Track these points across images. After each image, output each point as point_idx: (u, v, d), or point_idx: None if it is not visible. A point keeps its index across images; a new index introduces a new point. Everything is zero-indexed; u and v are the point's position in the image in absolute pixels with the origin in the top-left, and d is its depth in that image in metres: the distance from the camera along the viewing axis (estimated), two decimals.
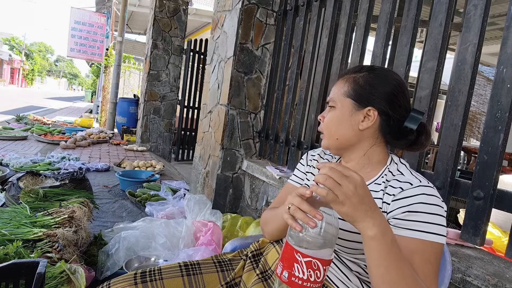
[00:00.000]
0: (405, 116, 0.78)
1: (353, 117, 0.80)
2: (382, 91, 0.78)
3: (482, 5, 1.15)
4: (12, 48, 44.12)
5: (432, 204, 0.69)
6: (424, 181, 0.73)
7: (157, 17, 5.05)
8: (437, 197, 0.70)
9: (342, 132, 0.81)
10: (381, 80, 0.79)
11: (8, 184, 2.09)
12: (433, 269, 0.66)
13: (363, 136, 0.80)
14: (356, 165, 0.83)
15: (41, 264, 0.97)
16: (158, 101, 5.25)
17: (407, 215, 0.69)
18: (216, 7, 2.83)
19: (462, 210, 2.10)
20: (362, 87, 0.79)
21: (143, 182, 2.94)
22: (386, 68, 0.86)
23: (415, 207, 0.69)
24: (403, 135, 0.79)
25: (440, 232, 0.68)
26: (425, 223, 0.67)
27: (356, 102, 0.80)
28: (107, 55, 9.21)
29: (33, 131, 5.38)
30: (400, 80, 0.80)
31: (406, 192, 0.71)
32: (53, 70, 76.71)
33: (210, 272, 0.88)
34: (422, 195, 0.69)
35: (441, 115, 4.84)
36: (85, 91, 28.28)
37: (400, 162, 0.80)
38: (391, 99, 0.78)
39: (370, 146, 0.81)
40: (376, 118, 0.78)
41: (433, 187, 0.72)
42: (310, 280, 0.59)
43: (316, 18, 2.07)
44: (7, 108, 10.40)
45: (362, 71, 0.82)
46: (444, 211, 0.70)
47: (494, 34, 5.52)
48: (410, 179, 0.74)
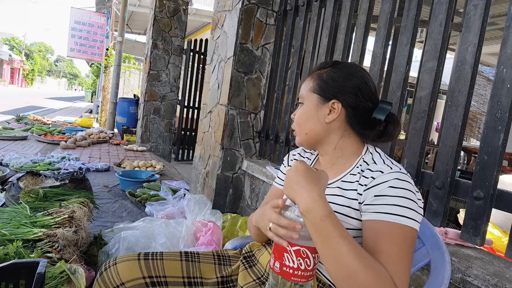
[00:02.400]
0: (372, 107, 0.81)
1: (319, 111, 0.82)
2: (345, 84, 0.81)
3: (482, 5, 1.15)
4: (12, 48, 44.13)
5: (400, 188, 0.69)
6: (396, 168, 0.74)
7: (157, 17, 5.05)
8: (409, 183, 0.70)
9: (310, 126, 0.84)
10: (344, 74, 0.82)
11: (8, 184, 2.09)
12: (400, 252, 0.65)
13: (331, 129, 0.82)
14: (331, 158, 0.85)
15: (41, 264, 0.97)
16: (158, 101, 5.25)
17: (375, 200, 0.70)
18: (216, 7, 2.83)
19: (462, 210, 2.10)
20: (325, 81, 0.82)
21: (143, 182, 2.94)
22: (350, 63, 0.89)
23: (383, 191, 0.70)
24: (371, 126, 0.80)
25: (409, 215, 0.67)
26: (392, 205, 0.68)
27: (321, 97, 0.82)
28: (107, 55, 9.21)
29: (33, 131, 5.38)
30: (363, 73, 0.83)
31: (377, 180, 0.72)
32: (53, 70, 76.74)
33: (207, 262, 0.92)
34: (391, 180, 0.70)
35: (441, 115, 4.84)
36: (85, 91, 28.30)
37: (375, 151, 0.81)
38: (354, 92, 0.80)
39: (339, 138, 0.83)
40: (341, 110, 0.80)
41: (406, 173, 0.73)
42: (301, 269, 0.63)
43: (316, 18, 2.07)
44: (7, 108, 10.40)
45: (326, 67, 0.85)
46: (416, 198, 0.70)
47: (494, 34, 5.52)
48: (381, 168, 0.74)
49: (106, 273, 0.84)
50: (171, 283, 0.86)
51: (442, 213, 1.23)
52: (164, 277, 0.86)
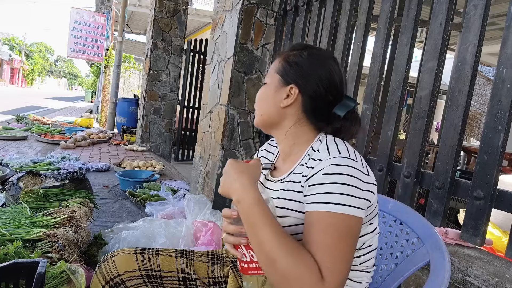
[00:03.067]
0: (333, 101, 0.77)
1: (277, 93, 0.79)
2: (308, 71, 0.77)
3: (482, 5, 1.15)
4: (12, 48, 44.14)
5: (335, 174, 0.65)
6: (335, 153, 0.69)
7: (157, 17, 5.04)
8: (348, 166, 0.66)
9: (266, 108, 0.81)
10: (310, 61, 0.78)
11: (8, 184, 2.09)
12: (329, 240, 0.61)
13: (285, 114, 0.79)
14: (284, 147, 0.83)
15: (41, 264, 0.97)
16: (158, 101, 5.25)
17: (309, 190, 0.67)
18: (216, 7, 2.83)
19: (462, 210, 2.10)
20: (290, 64, 0.79)
21: (143, 182, 2.94)
22: (323, 51, 0.83)
23: (316, 180, 0.67)
24: (327, 120, 0.77)
25: (342, 202, 0.63)
26: (323, 193, 0.64)
27: (282, 78, 0.79)
28: (107, 55, 9.21)
29: (33, 131, 5.38)
30: (331, 64, 0.78)
31: (315, 169, 0.69)
32: (53, 70, 76.75)
33: (201, 261, 0.93)
34: (326, 167, 0.66)
35: (441, 115, 4.84)
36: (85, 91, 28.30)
37: (325, 139, 0.75)
38: (315, 81, 0.76)
39: (291, 126, 0.79)
40: (297, 97, 0.77)
41: (347, 157, 0.68)
42: (253, 260, 0.66)
43: (316, 18, 2.07)
44: (7, 108, 10.40)
45: (296, 50, 0.81)
46: (358, 181, 0.65)
47: (494, 34, 5.52)
48: (321, 155, 0.71)
49: (104, 265, 0.86)
50: (165, 277, 0.88)
51: (442, 213, 1.23)
52: (159, 271, 0.87)
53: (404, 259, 0.88)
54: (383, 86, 2.41)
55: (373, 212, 0.73)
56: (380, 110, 2.36)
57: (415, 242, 0.87)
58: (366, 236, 0.74)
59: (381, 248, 0.95)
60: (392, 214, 0.96)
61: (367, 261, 0.75)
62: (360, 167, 0.67)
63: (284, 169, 0.82)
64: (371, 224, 0.74)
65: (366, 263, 0.75)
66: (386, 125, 1.49)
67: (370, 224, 0.74)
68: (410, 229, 0.90)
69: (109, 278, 0.84)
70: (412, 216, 0.91)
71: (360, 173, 0.66)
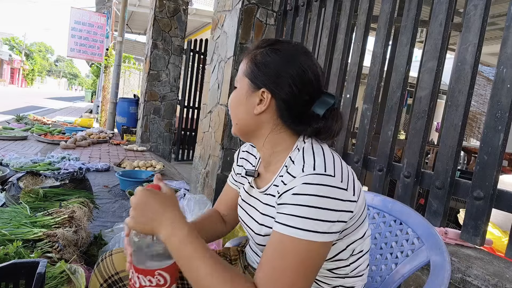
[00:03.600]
0: (310, 100, 0.70)
1: (249, 99, 0.71)
2: (278, 72, 0.69)
3: (482, 5, 1.15)
4: (12, 48, 44.15)
5: (305, 195, 0.59)
6: (309, 168, 0.62)
7: (157, 17, 5.04)
8: (321, 185, 0.59)
9: (240, 115, 0.74)
10: (279, 59, 0.69)
11: (8, 184, 2.09)
12: (287, 266, 0.58)
13: (261, 122, 0.72)
14: (265, 155, 0.76)
15: (41, 264, 0.97)
16: (158, 101, 5.25)
17: (278, 208, 0.63)
18: (216, 7, 2.83)
19: (462, 210, 2.10)
20: (257, 65, 0.71)
21: (143, 182, 2.94)
22: (290, 44, 0.73)
23: (285, 199, 0.62)
24: (307, 122, 0.69)
25: (307, 227, 0.58)
26: (289, 215, 0.60)
27: (251, 82, 0.71)
28: (107, 55, 9.21)
29: (33, 131, 5.38)
30: (303, 59, 0.70)
31: (287, 186, 0.63)
32: (53, 70, 76.77)
33: None
34: (297, 186, 0.60)
35: (441, 115, 4.84)
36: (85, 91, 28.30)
37: (303, 147, 0.68)
38: (288, 82, 0.68)
39: (268, 133, 0.72)
40: (271, 101, 0.69)
41: (323, 174, 0.61)
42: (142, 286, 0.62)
43: (316, 18, 2.07)
44: (7, 108, 10.40)
45: (261, 47, 0.73)
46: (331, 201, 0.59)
47: (494, 34, 5.52)
48: (295, 171, 0.64)
49: (102, 264, 0.86)
50: None
51: (442, 213, 1.23)
52: None
53: (404, 259, 0.88)
54: (383, 86, 2.41)
55: (357, 222, 0.68)
56: (380, 110, 2.36)
57: (415, 242, 0.87)
58: (355, 243, 0.70)
59: (381, 248, 0.95)
60: (392, 214, 0.96)
61: (359, 266, 0.73)
62: (337, 182, 0.61)
63: (266, 178, 0.77)
64: (358, 232, 0.70)
65: (358, 268, 0.73)
66: (386, 125, 1.49)
67: (356, 232, 0.69)
68: (410, 229, 0.90)
69: (107, 277, 0.84)
70: (412, 216, 0.91)
71: (336, 191, 0.60)
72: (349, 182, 0.63)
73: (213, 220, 0.94)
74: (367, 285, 0.92)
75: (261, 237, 0.72)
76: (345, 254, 0.70)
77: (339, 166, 0.64)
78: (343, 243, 0.68)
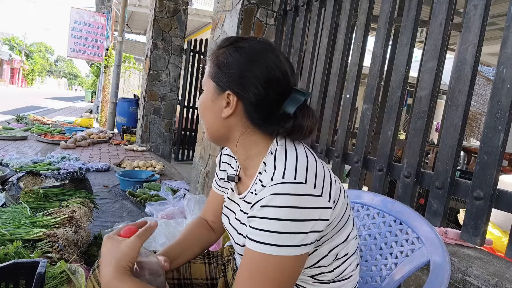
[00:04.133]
0: (281, 99, 0.66)
1: (215, 102, 0.68)
2: (241, 72, 0.65)
3: (482, 5, 1.15)
4: (12, 48, 44.15)
5: (273, 207, 0.56)
6: (278, 176, 0.59)
7: (157, 17, 5.04)
8: (291, 195, 0.56)
9: (208, 120, 0.71)
10: (242, 58, 0.66)
11: (8, 184, 2.09)
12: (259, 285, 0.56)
13: (230, 125, 0.68)
14: (240, 160, 0.73)
15: (41, 264, 0.97)
16: (158, 101, 5.25)
17: (248, 221, 0.60)
18: (216, 7, 2.83)
19: (462, 210, 2.10)
20: (219, 67, 0.67)
21: (143, 182, 2.94)
22: (254, 42, 0.69)
23: (253, 212, 0.59)
24: (277, 122, 0.66)
25: (276, 242, 0.55)
26: (257, 230, 0.57)
27: (216, 85, 0.68)
28: (107, 55, 9.21)
29: (33, 131, 5.38)
30: (267, 57, 0.66)
31: (258, 195, 0.59)
32: (53, 70, 76.77)
33: (197, 263, 0.91)
34: (265, 198, 0.57)
35: (441, 115, 4.84)
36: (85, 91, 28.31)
37: (275, 151, 0.65)
38: (253, 82, 0.64)
39: (239, 137, 0.69)
40: (237, 104, 0.66)
41: (292, 181, 0.57)
42: None
43: (316, 18, 2.07)
44: (7, 108, 10.40)
45: (223, 47, 0.69)
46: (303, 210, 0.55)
47: (494, 34, 5.52)
48: (265, 179, 0.61)
49: (99, 270, 0.85)
50: None
51: (442, 213, 1.23)
52: None
53: (404, 259, 0.88)
54: (383, 86, 2.41)
55: (337, 226, 0.66)
56: (380, 110, 2.36)
57: (415, 242, 0.87)
58: (337, 248, 0.67)
59: (381, 248, 0.95)
60: (392, 214, 0.96)
61: (345, 270, 0.71)
62: (308, 190, 0.57)
63: (246, 183, 0.74)
64: (339, 236, 0.67)
65: (345, 271, 0.71)
66: (386, 125, 1.49)
67: (337, 237, 0.67)
68: (410, 229, 0.90)
69: None
70: (412, 216, 0.91)
71: (307, 199, 0.56)
72: (324, 187, 0.60)
73: (198, 233, 0.91)
74: (367, 285, 0.92)
75: (240, 247, 0.70)
76: (328, 259, 0.67)
77: (313, 170, 0.60)
78: (324, 248, 0.66)
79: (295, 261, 0.57)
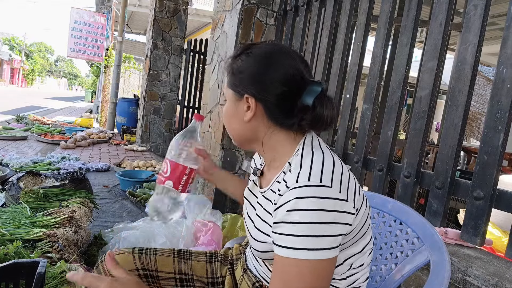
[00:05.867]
0: (298, 93, 0.68)
1: (237, 108, 0.72)
2: (256, 76, 0.68)
3: (482, 5, 1.15)
4: (12, 48, 44.15)
5: (299, 210, 0.56)
6: (304, 178, 0.59)
7: (157, 17, 5.05)
8: (317, 198, 0.56)
9: (233, 126, 0.75)
10: (253, 62, 0.69)
11: (8, 184, 2.09)
12: None
13: (254, 127, 0.71)
14: (267, 161, 0.76)
15: (41, 264, 0.97)
16: (158, 101, 5.25)
17: (274, 227, 0.61)
18: (216, 7, 2.83)
19: (462, 210, 2.10)
20: (234, 73, 0.71)
21: (143, 182, 2.94)
22: (263, 47, 0.72)
23: (281, 217, 0.59)
24: (297, 115, 0.67)
25: (306, 246, 0.55)
26: (286, 236, 0.57)
27: (234, 92, 0.72)
28: (107, 55, 9.21)
29: (33, 131, 5.38)
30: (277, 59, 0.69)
31: (282, 199, 0.60)
32: (53, 70, 76.81)
33: (199, 260, 0.92)
34: (290, 202, 0.58)
35: (441, 115, 4.84)
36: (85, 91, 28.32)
37: (302, 152, 0.66)
38: (268, 83, 0.67)
39: (263, 137, 0.71)
40: (257, 106, 0.69)
41: (317, 184, 0.58)
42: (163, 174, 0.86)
43: (316, 18, 2.07)
44: (7, 108, 10.40)
45: (236, 55, 0.73)
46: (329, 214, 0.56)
47: (494, 34, 5.52)
48: (290, 180, 0.62)
49: (102, 266, 0.86)
50: (162, 278, 0.87)
51: (442, 213, 1.23)
52: (156, 271, 0.87)
53: (404, 259, 0.88)
54: (383, 86, 2.41)
55: (357, 235, 0.66)
56: (380, 110, 2.36)
57: (415, 242, 0.87)
58: (352, 257, 0.68)
59: (381, 248, 0.95)
60: (392, 214, 0.96)
61: (357, 280, 0.71)
62: (334, 193, 0.58)
63: (268, 179, 0.76)
64: (356, 246, 0.68)
65: (356, 282, 0.71)
66: (386, 125, 1.49)
67: (354, 246, 0.67)
68: (410, 229, 0.90)
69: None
70: (412, 216, 0.91)
71: (333, 202, 0.57)
72: (349, 192, 0.60)
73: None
74: (367, 285, 0.92)
75: (257, 242, 0.70)
76: (343, 268, 0.68)
77: (339, 175, 0.61)
78: (340, 257, 0.66)
79: (327, 265, 0.57)
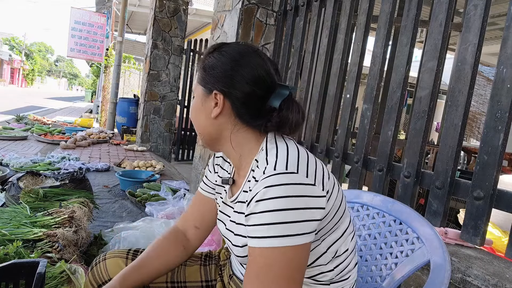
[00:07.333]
0: (266, 95, 0.68)
1: (205, 105, 0.72)
2: (225, 71, 0.69)
3: (482, 5, 1.15)
4: (12, 48, 44.16)
5: (268, 199, 0.56)
6: (270, 168, 0.59)
7: (157, 17, 5.04)
8: (285, 185, 0.56)
9: (199, 122, 0.74)
10: (225, 59, 0.70)
11: (8, 184, 2.09)
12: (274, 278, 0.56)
13: (220, 124, 0.71)
14: (234, 160, 0.74)
15: (41, 264, 0.97)
16: (158, 101, 5.25)
17: (246, 220, 0.60)
18: (216, 7, 2.83)
19: (462, 210, 2.10)
20: (205, 70, 0.72)
21: (143, 182, 2.94)
22: (237, 47, 0.72)
23: (250, 209, 0.59)
24: (264, 116, 0.68)
25: (278, 233, 0.55)
26: (258, 225, 0.57)
27: (204, 88, 0.72)
28: (107, 55, 9.21)
29: (33, 131, 5.38)
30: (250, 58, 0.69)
31: (251, 193, 0.60)
32: (53, 70, 76.80)
33: (193, 265, 0.90)
34: (260, 192, 0.57)
35: (441, 115, 4.84)
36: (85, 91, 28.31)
37: (267, 147, 0.66)
38: (237, 81, 0.68)
39: (230, 135, 0.71)
40: (225, 102, 0.69)
41: (283, 171, 0.58)
42: None
43: (316, 18, 2.07)
44: (7, 108, 10.40)
45: (209, 52, 0.74)
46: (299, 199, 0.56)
47: (494, 34, 5.52)
48: (258, 174, 0.62)
49: (96, 268, 0.85)
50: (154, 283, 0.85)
51: (442, 213, 1.23)
52: None
53: (404, 259, 0.88)
54: (383, 86, 2.41)
55: (333, 219, 0.66)
56: (380, 110, 2.36)
57: (415, 242, 0.87)
58: (336, 244, 0.68)
59: (381, 248, 0.95)
60: (392, 214, 0.96)
61: (345, 268, 0.71)
62: (301, 179, 0.58)
63: (239, 185, 0.74)
64: (336, 231, 0.67)
65: (345, 270, 0.71)
66: (386, 125, 1.49)
67: (333, 232, 0.67)
68: (410, 229, 0.90)
69: (101, 282, 0.83)
70: (412, 216, 0.91)
71: (301, 187, 0.57)
72: (316, 176, 0.60)
73: (171, 253, 0.85)
74: (367, 285, 0.92)
75: (239, 248, 0.69)
76: (327, 257, 0.67)
77: (304, 161, 0.61)
78: (321, 246, 0.66)
79: (299, 252, 0.57)
